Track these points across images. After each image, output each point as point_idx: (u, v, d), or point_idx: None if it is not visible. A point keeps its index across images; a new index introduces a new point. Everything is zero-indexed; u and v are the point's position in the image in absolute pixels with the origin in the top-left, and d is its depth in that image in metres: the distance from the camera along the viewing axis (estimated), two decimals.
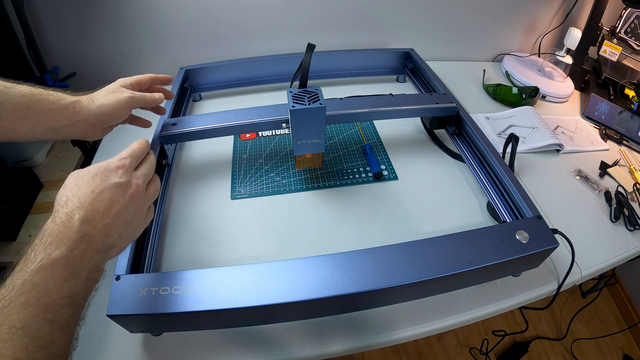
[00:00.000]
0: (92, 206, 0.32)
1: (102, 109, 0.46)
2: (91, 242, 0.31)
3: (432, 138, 0.74)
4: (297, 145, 0.57)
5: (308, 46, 0.53)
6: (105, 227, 0.32)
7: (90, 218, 0.31)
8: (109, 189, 0.33)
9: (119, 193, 0.34)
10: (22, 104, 0.40)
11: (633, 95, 0.84)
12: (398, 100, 0.67)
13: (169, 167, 0.65)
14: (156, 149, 0.59)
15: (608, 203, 0.65)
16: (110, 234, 0.32)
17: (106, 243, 0.32)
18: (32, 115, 0.41)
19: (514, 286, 0.52)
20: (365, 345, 0.46)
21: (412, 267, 0.41)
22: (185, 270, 0.41)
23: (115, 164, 0.36)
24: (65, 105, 0.44)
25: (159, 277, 0.40)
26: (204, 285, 0.40)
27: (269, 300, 0.38)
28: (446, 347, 1.20)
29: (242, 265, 0.41)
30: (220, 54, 0.90)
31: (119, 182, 0.34)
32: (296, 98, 0.54)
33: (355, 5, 0.89)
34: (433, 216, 0.59)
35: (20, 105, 0.40)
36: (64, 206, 0.31)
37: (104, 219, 0.32)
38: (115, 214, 0.33)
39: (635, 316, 1.26)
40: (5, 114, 0.39)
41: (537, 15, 1.01)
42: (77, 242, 0.29)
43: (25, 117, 0.40)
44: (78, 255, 0.29)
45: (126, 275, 0.41)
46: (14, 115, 0.39)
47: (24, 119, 0.40)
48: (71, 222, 0.30)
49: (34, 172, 0.76)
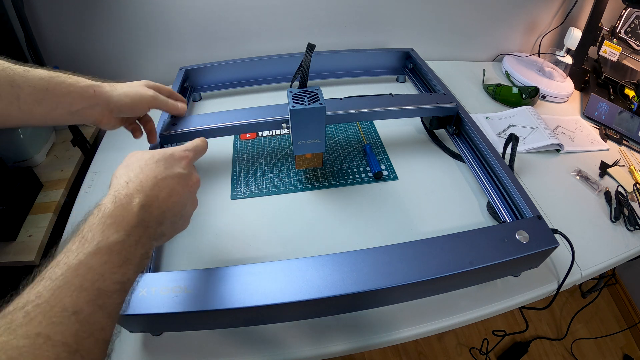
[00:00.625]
0: (153, 191, 0.31)
1: (124, 98, 0.46)
2: (146, 229, 0.30)
3: (432, 138, 0.74)
4: (297, 145, 0.57)
5: (308, 46, 0.53)
6: (161, 215, 0.32)
7: (149, 204, 0.31)
8: (172, 177, 0.33)
9: (181, 183, 0.34)
10: (40, 87, 0.39)
11: (633, 95, 0.84)
12: (398, 100, 0.67)
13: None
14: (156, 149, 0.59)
15: (608, 203, 0.65)
16: (164, 222, 0.32)
17: (159, 230, 0.32)
18: (51, 97, 0.40)
19: (514, 286, 0.52)
20: (365, 345, 0.46)
21: (412, 267, 0.41)
22: (185, 270, 0.41)
23: (179, 154, 0.36)
24: (85, 87, 0.43)
25: (159, 277, 0.40)
26: (204, 285, 0.39)
27: (269, 300, 0.38)
28: (446, 347, 1.20)
29: (242, 266, 0.41)
30: (220, 54, 0.90)
31: (182, 172, 0.35)
32: (296, 98, 0.54)
33: (355, 5, 0.89)
34: (433, 216, 0.59)
35: (39, 88, 0.39)
36: (124, 187, 0.31)
37: (162, 207, 0.32)
38: (173, 203, 0.33)
39: (635, 316, 1.26)
40: (23, 96, 0.38)
41: (537, 15, 1.01)
42: (134, 228, 0.29)
43: (43, 99, 0.40)
44: (133, 241, 0.29)
45: None
46: (32, 97, 0.39)
47: (42, 101, 0.40)
48: (131, 205, 0.30)
49: (34, 172, 0.76)
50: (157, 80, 0.55)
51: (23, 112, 0.39)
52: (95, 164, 0.71)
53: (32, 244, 0.66)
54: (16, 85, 0.38)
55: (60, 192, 0.75)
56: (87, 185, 0.66)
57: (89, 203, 0.62)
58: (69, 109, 0.42)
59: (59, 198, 0.74)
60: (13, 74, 0.38)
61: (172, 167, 0.34)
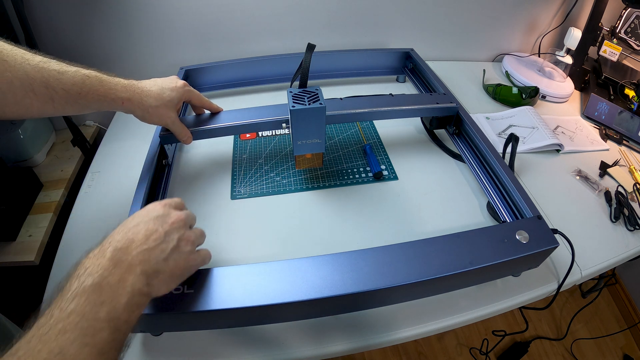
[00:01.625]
0: (126, 236, 0.32)
1: (147, 117, 0.51)
2: (129, 268, 0.31)
3: (432, 138, 0.74)
4: (297, 145, 0.57)
5: (308, 46, 0.53)
6: (143, 252, 0.32)
7: (125, 247, 0.32)
8: (145, 222, 0.34)
9: (157, 223, 0.35)
10: (73, 92, 0.42)
11: (633, 95, 0.84)
12: (398, 100, 0.67)
13: (169, 167, 0.65)
14: (156, 149, 0.59)
15: (608, 203, 0.65)
16: (150, 259, 0.32)
17: (145, 267, 0.32)
18: (82, 101, 0.43)
19: (514, 286, 0.52)
20: (365, 345, 0.46)
21: (412, 267, 0.41)
22: None
23: (151, 205, 0.37)
24: (114, 99, 0.46)
25: None
26: (204, 285, 0.39)
27: (269, 300, 0.38)
28: (446, 347, 1.20)
29: (242, 266, 0.41)
30: (220, 54, 0.90)
31: (156, 214, 0.35)
32: (296, 98, 0.54)
33: (355, 5, 0.89)
34: (433, 216, 0.59)
35: (72, 93, 0.42)
36: (101, 245, 0.32)
37: (141, 246, 0.32)
38: (155, 240, 0.33)
39: (635, 316, 1.26)
40: (57, 98, 0.41)
41: (537, 15, 1.01)
42: (111, 269, 0.30)
43: (75, 102, 0.43)
44: (113, 280, 0.30)
45: None
46: (65, 100, 0.42)
47: (74, 103, 0.43)
48: (103, 253, 0.31)
49: (34, 172, 0.76)
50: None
51: (57, 110, 0.42)
52: (95, 164, 0.71)
53: (32, 244, 0.66)
54: (51, 88, 0.40)
55: (60, 192, 0.75)
56: (87, 185, 0.66)
57: (89, 203, 0.63)
58: (99, 110, 0.47)
59: (59, 198, 0.74)
60: (48, 76, 0.40)
61: (148, 214, 0.35)
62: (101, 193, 0.64)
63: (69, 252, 0.55)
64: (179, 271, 0.35)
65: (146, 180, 0.54)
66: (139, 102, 0.49)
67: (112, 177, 0.67)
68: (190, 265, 0.36)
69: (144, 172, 0.56)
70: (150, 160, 0.58)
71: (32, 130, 0.80)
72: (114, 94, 0.46)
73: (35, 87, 0.39)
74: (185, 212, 0.38)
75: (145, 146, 0.60)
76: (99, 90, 0.44)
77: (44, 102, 0.40)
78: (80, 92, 0.42)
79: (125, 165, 0.69)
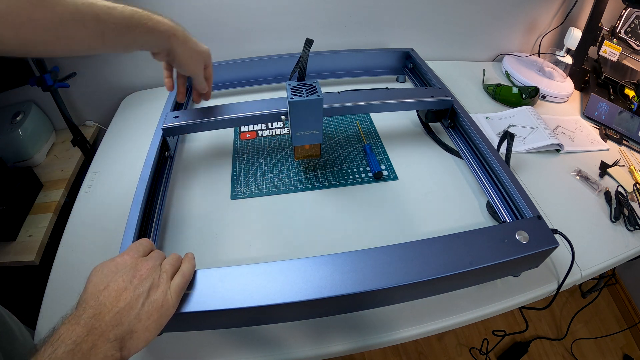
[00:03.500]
0: (98, 301, 0.32)
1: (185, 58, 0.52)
2: (101, 334, 0.31)
3: (428, 132, 0.75)
4: (295, 136, 0.59)
5: (306, 41, 0.54)
6: (115, 316, 0.32)
7: (97, 313, 0.32)
8: (114, 281, 0.34)
9: (127, 279, 0.34)
10: (123, 25, 0.43)
11: (633, 95, 0.84)
12: (394, 93, 0.68)
13: (171, 159, 0.65)
14: (159, 141, 0.59)
15: (608, 203, 0.65)
16: (122, 322, 0.32)
17: (119, 331, 0.32)
18: (131, 35, 0.44)
19: (514, 286, 0.52)
20: (365, 345, 0.46)
21: (412, 267, 0.41)
22: None
23: (118, 257, 0.37)
24: (162, 32, 0.47)
25: None
26: (204, 285, 0.39)
27: (269, 300, 0.38)
28: (446, 347, 1.20)
29: (242, 266, 0.41)
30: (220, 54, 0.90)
31: (124, 269, 0.35)
32: (295, 90, 0.55)
33: (355, 5, 0.89)
34: (433, 216, 0.60)
35: (121, 26, 0.43)
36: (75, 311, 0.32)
37: (113, 310, 0.32)
38: (125, 299, 0.33)
39: (635, 316, 1.26)
40: (107, 32, 0.42)
41: (537, 15, 1.01)
42: (84, 337, 0.30)
43: (124, 36, 0.44)
44: (86, 348, 0.30)
45: None
46: (115, 34, 0.42)
47: (123, 37, 0.44)
48: (78, 320, 0.31)
49: (34, 172, 0.76)
50: (157, 81, 0.55)
51: (106, 46, 0.43)
52: (95, 164, 0.71)
53: (32, 244, 0.66)
54: (102, 22, 0.41)
55: (60, 192, 0.75)
56: (87, 185, 0.66)
57: (89, 203, 0.63)
58: (143, 46, 0.48)
59: (59, 198, 0.74)
60: (98, 10, 0.40)
61: (116, 272, 0.35)
62: (101, 193, 0.64)
63: (69, 252, 0.55)
64: (153, 323, 0.34)
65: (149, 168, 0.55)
66: (183, 41, 0.50)
67: (112, 177, 0.67)
68: (165, 309, 0.35)
69: (147, 162, 0.56)
70: (154, 152, 0.58)
71: (32, 130, 0.80)
72: (162, 27, 0.47)
73: (87, 21, 0.39)
74: (153, 257, 0.38)
75: (145, 146, 0.60)
76: (147, 23, 0.45)
77: (95, 37, 0.41)
78: (130, 26, 0.43)
79: (125, 165, 0.69)
